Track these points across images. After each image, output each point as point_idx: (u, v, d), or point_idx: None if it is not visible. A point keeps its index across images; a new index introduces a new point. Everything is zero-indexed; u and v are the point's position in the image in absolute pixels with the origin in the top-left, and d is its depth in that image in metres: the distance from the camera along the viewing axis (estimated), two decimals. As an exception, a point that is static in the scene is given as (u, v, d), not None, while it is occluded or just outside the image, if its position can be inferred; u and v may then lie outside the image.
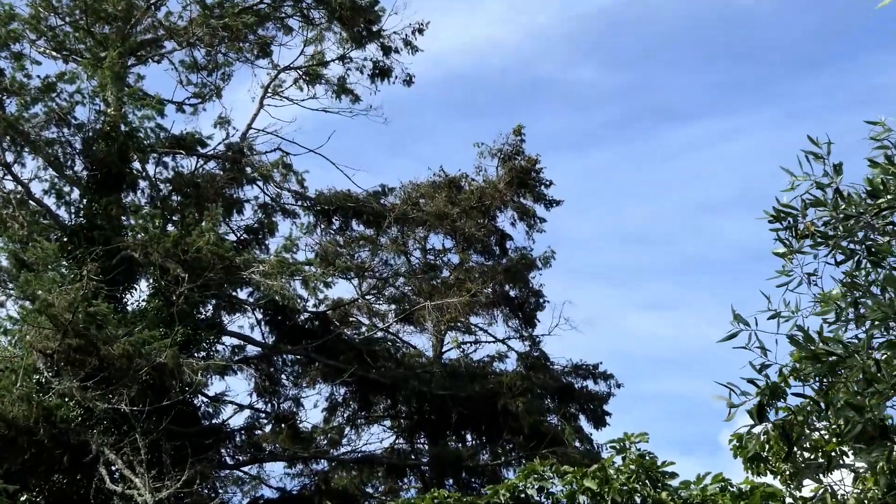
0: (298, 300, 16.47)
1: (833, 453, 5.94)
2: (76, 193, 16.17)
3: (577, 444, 19.17)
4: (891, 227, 5.34)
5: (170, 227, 15.85)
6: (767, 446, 6.71)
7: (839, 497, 5.86)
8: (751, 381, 5.36)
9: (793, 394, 5.46)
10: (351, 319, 20.75)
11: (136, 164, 16.62)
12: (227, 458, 16.60)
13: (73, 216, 15.97)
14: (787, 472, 7.06)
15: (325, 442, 18.91)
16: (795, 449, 5.66)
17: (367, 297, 19.61)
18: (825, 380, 5.31)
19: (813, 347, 5.14)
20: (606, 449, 16.44)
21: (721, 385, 5.25)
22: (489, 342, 21.26)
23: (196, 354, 15.18)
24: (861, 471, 5.79)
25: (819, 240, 5.44)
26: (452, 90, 39.46)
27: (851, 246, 5.39)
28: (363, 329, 19.89)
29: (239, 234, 17.97)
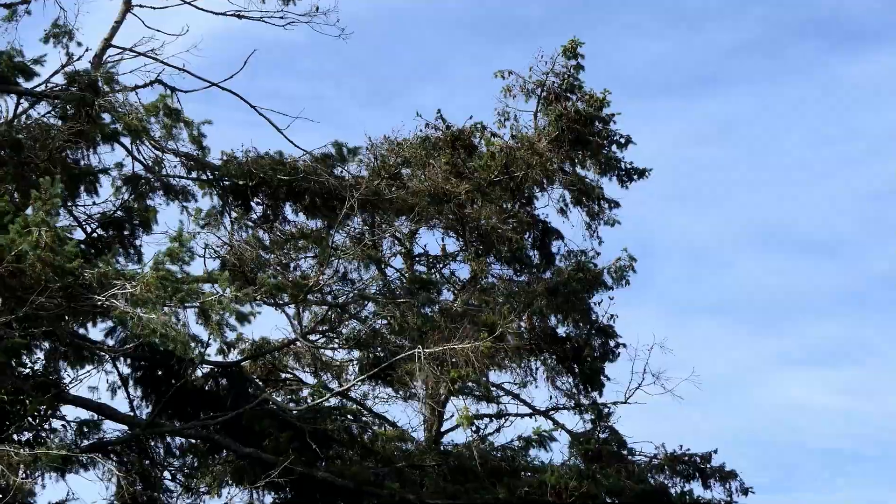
0: (193, 344, 16.40)
1: None
2: None
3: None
4: None
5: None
6: None
7: None
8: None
9: None
10: (284, 377, 20.66)
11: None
12: None
13: None
14: None
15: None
16: None
17: (313, 337, 19.58)
18: None
19: None
20: None
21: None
22: (522, 415, 21.34)
23: (16, 436, 15.06)
24: None
25: None
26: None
27: None
28: (305, 393, 19.85)
29: (91, 230, 17.98)
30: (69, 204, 17.44)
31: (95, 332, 17.01)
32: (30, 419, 15.82)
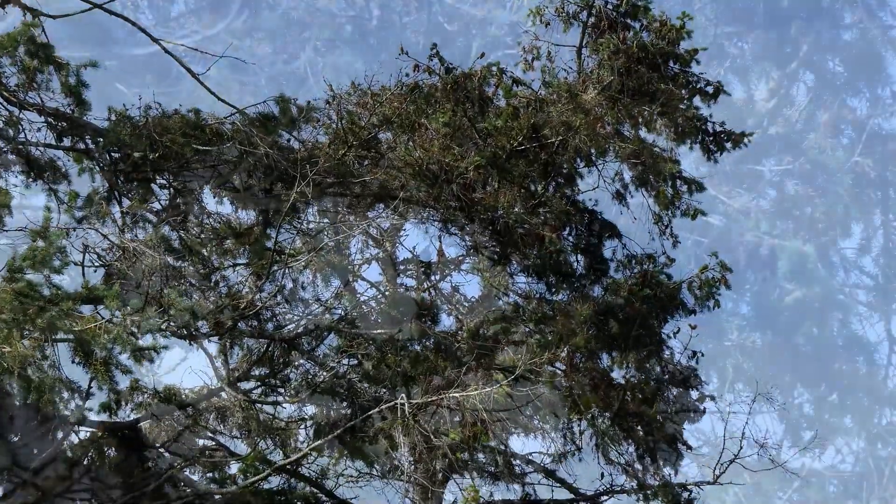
0: (67, 393, 16.52)
1: None
2: None
3: None
4: None
5: None
6: None
7: None
8: None
9: None
10: (202, 443, 20.57)
11: None
12: None
13: None
14: None
15: None
16: None
17: (245, 385, 19.75)
18: None
19: None
20: None
21: None
22: (560, 502, 21.44)
23: None
24: None
25: None
26: None
27: None
28: (234, 469, 19.81)
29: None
30: None
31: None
32: None
